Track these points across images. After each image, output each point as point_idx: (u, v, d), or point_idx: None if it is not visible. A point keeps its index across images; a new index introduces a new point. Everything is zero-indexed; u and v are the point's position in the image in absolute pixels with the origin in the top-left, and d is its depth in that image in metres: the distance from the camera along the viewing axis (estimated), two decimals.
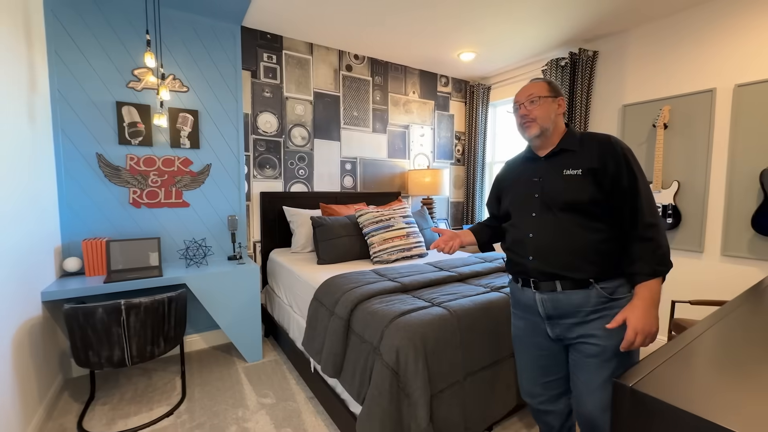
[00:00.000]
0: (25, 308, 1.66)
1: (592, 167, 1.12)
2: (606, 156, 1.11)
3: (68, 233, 2.18)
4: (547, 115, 1.20)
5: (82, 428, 1.73)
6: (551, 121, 1.20)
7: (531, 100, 1.20)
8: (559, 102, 1.22)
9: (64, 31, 2.10)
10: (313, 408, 1.90)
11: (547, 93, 1.21)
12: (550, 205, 1.16)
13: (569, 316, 1.16)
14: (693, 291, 2.41)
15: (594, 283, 1.12)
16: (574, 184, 1.13)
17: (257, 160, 2.84)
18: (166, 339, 1.88)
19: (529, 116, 1.20)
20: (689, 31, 2.38)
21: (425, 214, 3.13)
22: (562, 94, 1.25)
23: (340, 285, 1.81)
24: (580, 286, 1.13)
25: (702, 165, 2.35)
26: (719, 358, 0.75)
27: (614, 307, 1.12)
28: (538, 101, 1.20)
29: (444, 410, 1.37)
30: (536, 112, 1.20)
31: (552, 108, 1.21)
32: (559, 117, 1.23)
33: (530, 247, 1.19)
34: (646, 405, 0.57)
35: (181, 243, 2.50)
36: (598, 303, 1.12)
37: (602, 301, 1.12)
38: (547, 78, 1.25)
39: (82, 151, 2.19)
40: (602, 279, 1.12)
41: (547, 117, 1.20)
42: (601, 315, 1.12)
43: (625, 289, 1.13)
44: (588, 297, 1.13)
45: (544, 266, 1.17)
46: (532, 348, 1.29)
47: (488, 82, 3.83)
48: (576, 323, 1.15)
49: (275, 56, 2.85)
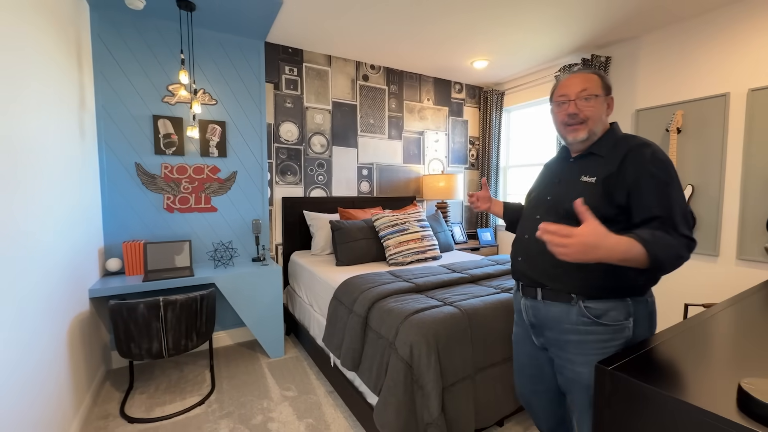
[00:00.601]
0: (76, 304, 1.85)
1: (608, 174, 0.97)
2: (627, 162, 0.95)
3: (110, 236, 2.38)
4: (599, 116, 1.05)
5: (124, 414, 1.91)
6: (600, 122, 1.06)
7: (585, 97, 1.03)
8: (608, 101, 1.07)
9: (108, 53, 2.31)
10: (333, 401, 2.02)
11: (601, 90, 1.04)
12: (556, 210, 1.06)
13: (549, 329, 1.09)
14: (707, 295, 2.42)
15: (576, 298, 1.01)
16: (584, 192, 0.99)
17: (279, 167, 3.00)
18: (198, 334, 2.04)
19: (579, 115, 1.04)
20: (701, 36, 2.41)
21: (439, 217, 3.22)
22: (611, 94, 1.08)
23: (358, 285, 1.92)
24: (560, 299, 1.03)
25: (716, 169, 2.36)
26: (697, 348, 0.82)
27: (599, 333, 0.98)
28: (593, 99, 1.03)
29: (455, 403, 1.46)
30: (588, 111, 1.03)
31: (603, 108, 1.06)
32: (606, 118, 1.09)
33: (522, 248, 1.15)
34: (625, 387, 0.65)
35: (209, 245, 2.68)
36: (579, 323, 1.00)
37: (584, 321, 1.00)
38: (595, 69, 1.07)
39: (123, 161, 2.40)
40: (589, 297, 0.99)
41: (598, 119, 1.05)
42: (580, 339, 1.01)
43: (620, 315, 0.97)
44: (568, 312, 1.02)
45: (529, 270, 1.11)
46: (522, 355, 1.26)
47: (502, 87, 3.89)
48: (555, 339, 1.07)
49: (296, 69, 3.01)
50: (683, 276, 2.54)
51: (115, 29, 2.32)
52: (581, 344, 1.01)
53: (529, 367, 1.24)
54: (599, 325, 0.99)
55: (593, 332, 0.99)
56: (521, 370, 1.28)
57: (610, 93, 1.08)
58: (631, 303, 0.99)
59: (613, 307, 0.98)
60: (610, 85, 1.08)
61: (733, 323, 0.99)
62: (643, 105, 2.72)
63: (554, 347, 1.09)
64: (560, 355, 1.08)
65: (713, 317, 1.00)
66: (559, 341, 1.07)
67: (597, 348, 0.99)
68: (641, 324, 1.00)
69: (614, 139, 1.04)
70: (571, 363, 1.04)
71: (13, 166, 1.25)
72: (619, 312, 0.98)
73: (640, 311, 1.00)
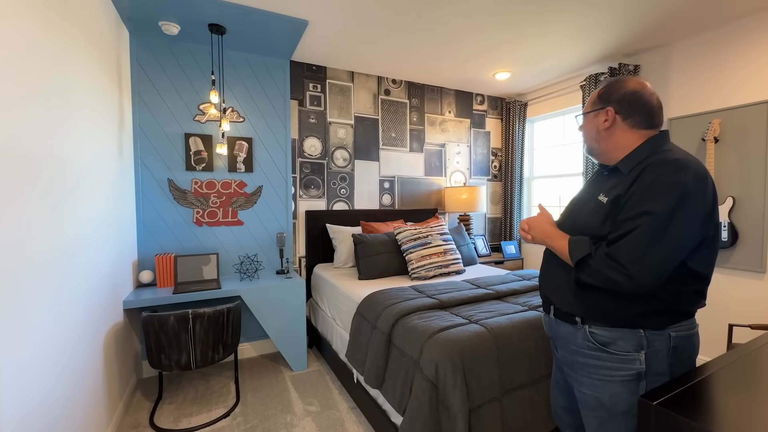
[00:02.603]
0: (112, 315, 1.93)
1: (618, 194, 0.93)
2: (637, 180, 0.90)
3: (143, 249, 2.48)
4: (589, 133, 1.07)
5: (154, 424, 1.95)
6: (594, 139, 1.06)
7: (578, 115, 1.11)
8: (605, 114, 1.01)
9: (144, 75, 2.45)
10: (356, 417, 2.00)
11: (590, 107, 1.06)
12: (573, 227, 1.05)
13: (561, 347, 1.09)
14: (753, 314, 2.25)
15: (581, 322, 0.99)
16: (593, 212, 0.99)
17: (303, 181, 3.06)
18: (225, 346, 2.07)
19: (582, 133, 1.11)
20: (737, 41, 2.30)
21: (462, 230, 3.18)
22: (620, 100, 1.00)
23: (381, 300, 1.91)
24: (567, 320, 1.03)
25: (760, 180, 2.23)
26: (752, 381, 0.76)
27: (605, 360, 0.95)
28: (584, 118, 1.09)
29: (482, 426, 1.41)
30: (582, 128, 1.10)
31: (593, 124, 1.04)
32: (609, 132, 1.02)
33: (544, 264, 1.15)
34: (671, 425, 0.61)
35: (235, 258, 2.75)
36: (585, 347, 0.99)
37: (590, 346, 0.98)
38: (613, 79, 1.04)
39: (156, 177, 2.51)
40: (595, 322, 0.97)
41: (589, 135, 1.07)
42: (586, 362, 0.99)
43: (629, 346, 0.92)
44: (575, 335, 1.02)
45: (544, 286, 1.13)
46: (555, 369, 1.25)
47: (525, 98, 3.84)
48: (565, 358, 1.07)
49: (320, 85, 3.09)
50: (726, 294, 2.38)
51: (152, 53, 2.46)
52: (586, 367, 0.99)
53: (560, 381, 1.22)
54: (605, 352, 0.95)
55: (599, 358, 0.96)
56: (554, 383, 1.27)
57: (609, 104, 1.00)
58: (645, 335, 0.92)
59: (622, 337, 0.93)
60: (612, 94, 1.01)
61: None
62: (676, 114, 2.62)
63: (566, 365, 1.09)
64: (570, 374, 1.07)
65: (765, 345, 0.93)
66: (568, 360, 1.06)
67: (603, 375, 0.96)
68: (659, 359, 0.93)
69: (646, 154, 0.95)
70: (578, 383, 1.03)
71: (62, 184, 1.34)
72: (627, 343, 0.93)
73: (656, 345, 0.92)
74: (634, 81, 1.02)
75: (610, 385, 0.95)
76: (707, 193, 0.88)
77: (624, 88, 1.01)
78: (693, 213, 0.85)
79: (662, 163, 0.89)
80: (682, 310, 0.93)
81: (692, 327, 0.97)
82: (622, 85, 1.01)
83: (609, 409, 0.96)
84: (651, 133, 1.00)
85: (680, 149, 0.96)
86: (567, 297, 1.02)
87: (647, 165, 0.91)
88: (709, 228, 0.90)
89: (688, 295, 0.93)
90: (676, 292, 0.91)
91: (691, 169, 0.86)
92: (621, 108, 1.00)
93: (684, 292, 0.92)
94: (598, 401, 0.98)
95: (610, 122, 1.01)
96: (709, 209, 0.88)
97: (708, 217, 0.88)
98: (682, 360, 0.95)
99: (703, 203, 0.87)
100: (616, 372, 0.94)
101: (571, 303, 1.01)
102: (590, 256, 0.91)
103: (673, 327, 0.93)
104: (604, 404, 0.96)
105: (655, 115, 1.00)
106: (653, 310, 0.91)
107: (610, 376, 0.95)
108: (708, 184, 0.89)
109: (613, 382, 0.94)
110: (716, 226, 0.92)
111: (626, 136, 1.00)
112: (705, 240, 0.90)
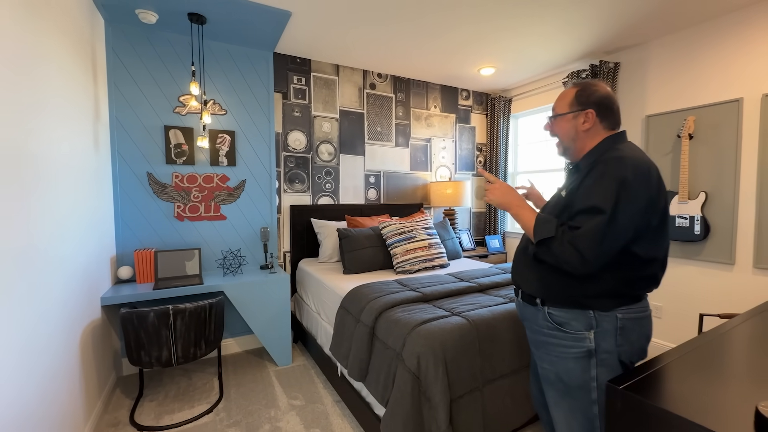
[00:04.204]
0: (89, 312, 1.88)
1: (573, 188, 1.02)
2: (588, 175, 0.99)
3: (122, 244, 2.42)
4: (566, 133, 1.11)
5: (134, 421, 1.92)
6: (571, 139, 1.10)
7: (552, 116, 1.14)
8: (585, 116, 1.07)
9: (121, 65, 2.37)
10: (340, 411, 2.01)
11: (567, 109, 1.10)
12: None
13: (528, 328, 1.19)
14: (723, 305, 2.35)
15: (540, 303, 1.09)
16: (555, 203, 1.09)
17: (287, 175, 3.03)
18: (207, 342, 2.05)
19: (551, 132, 1.16)
20: (712, 41, 2.37)
21: (447, 225, 3.21)
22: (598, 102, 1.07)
23: (365, 294, 1.92)
24: (529, 301, 1.13)
25: (730, 175, 2.31)
26: (713, 365, 0.80)
27: (560, 338, 1.05)
28: (558, 118, 1.12)
29: (464, 415, 1.44)
30: (556, 129, 1.14)
31: (572, 125, 1.09)
32: (588, 133, 1.08)
33: (516, 250, 1.24)
34: (636, 407, 0.64)
35: (218, 253, 2.71)
36: (545, 326, 1.09)
37: (548, 326, 1.08)
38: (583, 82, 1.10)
39: (135, 170, 2.44)
40: (552, 304, 1.07)
41: (566, 135, 1.11)
42: (546, 340, 1.09)
43: (580, 326, 1.02)
44: (536, 315, 1.12)
45: (513, 271, 1.22)
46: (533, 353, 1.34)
47: (509, 94, 3.88)
48: (531, 338, 1.17)
49: (304, 78, 3.05)
50: (698, 285, 2.48)
51: (129, 42, 2.38)
52: (546, 345, 1.10)
53: (533, 364, 1.32)
54: (561, 331, 1.06)
55: (556, 336, 1.07)
56: (533, 367, 1.35)
57: (589, 106, 1.07)
58: (594, 316, 1.01)
59: (575, 318, 1.03)
60: (589, 97, 1.07)
61: (751, 339, 0.96)
62: (653, 111, 2.69)
63: (532, 345, 1.19)
64: (534, 352, 1.18)
65: (730, 332, 0.97)
66: (532, 340, 1.17)
67: (559, 352, 1.07)
68: (607, 338, 1.01)
69: (599, 153, 1.05)
70: (540, 360, 1.14)
71: (34, 177, 1.29)
72: (579, 323, 1.03)
73: (604, 325, 1.01)
74: (602, 85, 1.10)
75: (565, 361, 1.05)
76: (650, 185, 0.95)
77: (599, 92, 1.08)
78: (634, 204, 0.92)
79: (609, 160, 0.98)
80: (630, 293, 1.02)
81: (642, 310, 1.04)
82: (597, 89, 1.08)
83: (566, 384, 1.06)
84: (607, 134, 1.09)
85: (632, 147, 1.03)
86: (530, 281, 1.13)
87: (599, 161, 0.99)
88: (653, 216, 0.97)
89: (635, 280, 1.00)
90: (623, 276, 0.99)
91: (630, 163, 0.95)
92: (600, 110, 1.07)
93: (631, 277, 1.00)
94: (556, 376, 1.08)
95: (590, 123, 1.07)
96: (652, 199, 0.95)
97: (651, 206, 0.95)
98: (631, 340, 1.02)
99: (645, 194, 0.94)
100: (569, 349, 1.04)
101: (535, 286, 1.10)
102: (554, 238, 0.97)
103: (621, 309, 1.01)
104: (561, 379, 1.07)
105: (619, 117, 1.11)
106: (602, 292, 1.00)
107: (565, 353, 1.05)
108: (650, 176, 0.96)
109: (568, 359, 1.05)
110: (662, 214, 0.99)
111: (599, 136, 1.09)
112: (649, 227, 0.97)
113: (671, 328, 2.62)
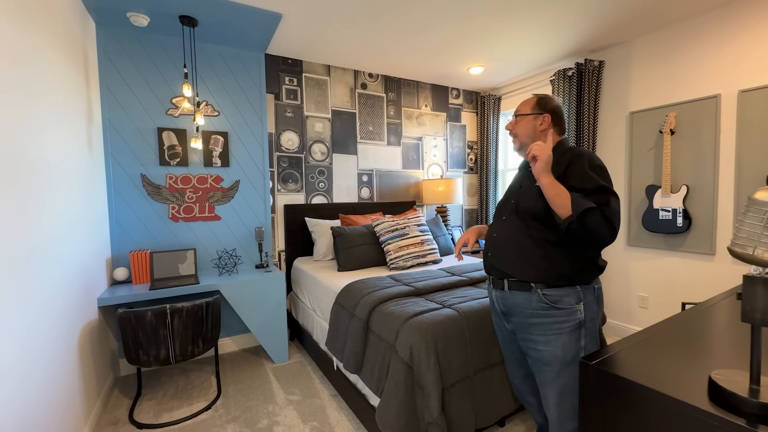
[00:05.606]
0: (85, 313, 1.90)
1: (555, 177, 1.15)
2: (570, 166, 1.17)
3: (117, 246, 2.44)
4: (526, 132, 1.32)
5: (133, 420, 1.95)
6: (530, 137, 1.31)
7: (515, 116, 1.36)
8: (542, 119, 1.29)
9: (113, 68, 2.39)
10: (337, 404, 2.06)
11: (530, 111, 1.31)
12: (518, 211, 1.26)
13: (515, 315, 1.26)
14: (704, 293, 2.44)
15: (535, 287, 1.19)
16: (538, 195, 1.19)
17: (281, 175, 3.07)
18: (204, 340, 2.08)
19: (512, 131, 1.36)
20: (692, 39, 2.46)
21: (439, 222, 3.27)
22: (553, 110, 1.30)
23: (359, 289, 1.97)
24: (522, 288, 1.21)
25: (710, 169, 2.40)
26: (675, 343, 0.86)
27: (555, 316, 1.17)
28: (519, 119, 1.34)
29: (455, 403, 1.50)
30: (517, 128, 1.34)
31: (532, 125, 1.30)
32: (544, 133, 1.30)
33: (492, 245, 1.32)
34: (607, 381, 0.70)
35: (214, 253, 2.74)
36: (539, 308, 1.19)
37: (543, 306, 1.18)
38: (542, 94, 1.34)
39: (129, 172, 2.46)
40: (546, 285, 1.18)
41: (525, 134, 1.32)
42: (541, 321, 1.19)
43: (572, 300, 1.16)
44: (530, 300, 1.20)
45: (497, 263, 1.28)
46: (504, 342, 1.41)
47: (498, 92, 3.95)
48: (521, 323, 1.24)
49: (296, 79, 3.08)
50: (680, 275, 2.57)
51: (120, 45, 2.40)
52: (541, 326, 1.19)
53: (513, 351, 1.39)
54: (556, 309, 1.17)
55: (551, 315, 1.18)
56: (508, 356, 1.43)
57: (545, 112, 1.29)
58: (581, 290, 1.18)
59: (566, 294, 1.17)
60: (549, 104, 1.30)
61: (711, 320, 1.03)
62: (636, 108, 2.77)
63: (520, 331, 1.27)
64: (525, 337, 1.25)
65: (693, 315, 1.04)
66: (523, 325, 1.24)
67: (555, 329, 1.17)
68: (589, 307, 1.19)
69: (561, 151, 1.25)
70: (534, 343, 1.22)
71: (29, 180, 1.31)
72: (571, 297, 1.17)
73: (588, 296, 1.19)
74: (556, 99, 1.35)
75: (561, 337, 1.17)
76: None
77: (554, 102, 1.33)
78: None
79: (582, 152, 1.20)
80: (601, 266, 1.23)
81: (599, 281, 1.28)
82: (553, 100, 1.33)
83: (562, 360, 1.17)
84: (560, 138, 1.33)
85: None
86: (526, 268, 1.20)
87: (573, 156, 1.19)
88: None
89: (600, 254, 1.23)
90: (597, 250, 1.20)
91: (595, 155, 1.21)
92: (554, 117, 1.30)
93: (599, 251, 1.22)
94: (552, 354, 1.18)
95: (545, 125, 1.30)
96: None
97: None
98: (600, 306, 1.25)
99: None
100: (564, 324, 1.17)
101: (530, 272, 1.20)
102: (593, 210, 1.06)
103: (594, 282, 1.23)
104: (558, 356, 1.17)
105: (565, 126, 1.37)
106: (585, 267, 1.18)
107: (561, 328, 1.17)
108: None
109: (563, 333, 1.17)
110: None
111: (550, 138, 1.29)
112: None
113: (656, 317, 2.71)
